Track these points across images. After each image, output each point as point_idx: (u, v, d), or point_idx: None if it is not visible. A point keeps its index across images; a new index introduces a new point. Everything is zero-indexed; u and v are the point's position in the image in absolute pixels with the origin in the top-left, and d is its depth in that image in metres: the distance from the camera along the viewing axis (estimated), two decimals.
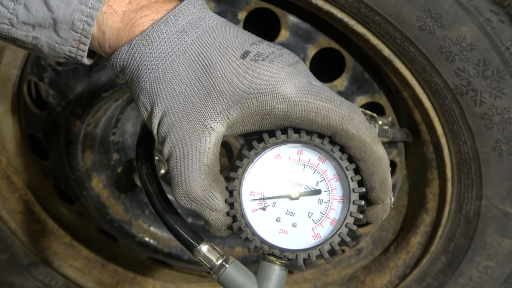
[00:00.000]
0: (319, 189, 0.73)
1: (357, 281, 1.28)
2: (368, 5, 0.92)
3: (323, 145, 0.73)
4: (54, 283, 1.39)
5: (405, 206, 1.21)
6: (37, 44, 0.76)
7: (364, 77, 1.05)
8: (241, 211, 0.73)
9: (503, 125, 0.98)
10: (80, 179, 1.20)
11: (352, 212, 0.72)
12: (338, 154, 0.72)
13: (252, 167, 0.74)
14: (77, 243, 1.38)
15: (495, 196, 1.07)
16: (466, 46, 0.92)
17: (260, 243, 0.72)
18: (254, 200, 0.74)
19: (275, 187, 0.74)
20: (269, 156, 0.74)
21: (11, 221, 1.33)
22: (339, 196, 0.73)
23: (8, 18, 0.74)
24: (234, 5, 1.00)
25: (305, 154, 0.74)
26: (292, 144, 0.74)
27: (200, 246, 0.72)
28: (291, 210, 0.73)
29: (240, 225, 0.72)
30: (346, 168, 0.72)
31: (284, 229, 0.73)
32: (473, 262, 1.16)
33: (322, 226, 0.73)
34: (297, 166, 0.74)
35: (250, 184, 0.74)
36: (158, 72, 0.72)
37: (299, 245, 0.73)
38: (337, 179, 0.73)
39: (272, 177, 0.74)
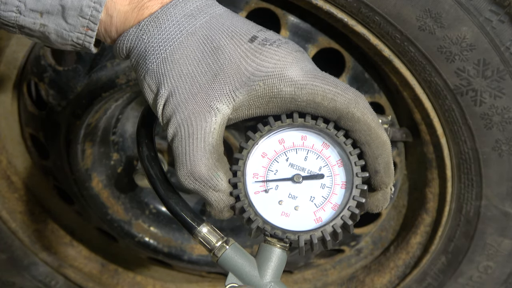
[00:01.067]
0: (322, 174, 0.74)
1: (357, 281, 1.28)
2: (368, 5, 0.92)
3: (328, 129, 0.73)
4: (54, 283, 1.39)
5: (405, 206, 1.21)
6: (45, 32, 0.76)
7: (364, 77, 1.06)
8: (245, 191, 0.73)
9: (503, 125, 0.98)
10: (80, 179, 1.20)
11: (354, 196, 0.72)
12: (342, 139, 0.73)
13: (257, 149, 0.74)
14: (77, 243, 1.38)
15: (495, 196, 1.07)
16: (466, 46, 0.92)
17: (262, 224, 0.72)
18: (257, 182, 0.74)
19: (278, 170, 0.74)
20: (273, 140, 0.75)
21: (11, 221, 1.33)
22: (342, 181, 0.74)
23: (16, 6, 0.75)
24: (234, 5, 1.00)
25: (309, 139, 0.74)
26: (297, 128, 0.74)
27: (201, 227, 0.72)
28: (293, 194, 0.74)
29: (243, 205, 0.72)
30: (350, 153, 0.73)
31: (286, 212, 0.73)
32: (473, 262, 1.16)
33: (323, 210, 0.73)
34: (301, 151, 0.74)
35: (254, 166, 0.74)
36: (166, 53, 0.72)
37: (301, 227, 0.73)
38: (340, 165, 0.74)
39: (275, 160, 0.74)
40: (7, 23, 0.77)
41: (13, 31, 0.79)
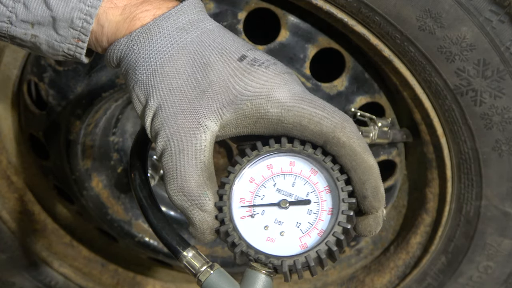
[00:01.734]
0: (309, 199, 0.74)
1: (357, 281, 1.28)
2: (368, 5, 0.92)
3: (316, 155, 0.73)
4: (54, 283, 1.39)
5: (405, 206, 1.21)
6: (36, 42, 0.76)
7: (364, 77, 1.06)
8: (230, 215, 0.73)
9: (503, 125, 0.98)
10: (80, 179, 1.20)
11: (340, 222, 0.72)
12: (330, 165, 0.73)
13: (244, 174, 0.74)
14: (77, 243, 1.38)
15: (495, 196, 1.07)
16: (466, 46, 0.92)
17: (246, 248, 0.72)
18: (244, 207, 0.74)
19: (265, 195, 0.74)
20: (261, 165, 0.75)
21: (11, 221, 1.33)
22: (329, 207, 0.73)
23: (7, 16, 0.75)
24: (234, 5, 1.00)
25: (297, 165, 0.75)
26: (285, 153, 0.74)
27: (186, 251, 0.72)
28: (279, 219, 0.73)
29: (227, 229, 0.72)
30: (337, 178, 0.73)
31: (272, 237, 0.73)
32: (473, 262, 1.16)
33: (309, 236, 0.73)
34: (288, 176, 0.75)
35: (241, 191, 0.74)
36: (156, 65, 0.72)
37: (285, 252, 0.72)
38: (328, 191, 0.74)
39: (263, 185, 0.75)
40: (2, 35, 0.77)
41: (5, 41, 0.79)
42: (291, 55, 1.02)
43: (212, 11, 1.01)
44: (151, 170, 1.18)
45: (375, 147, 1.07)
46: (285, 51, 1.02)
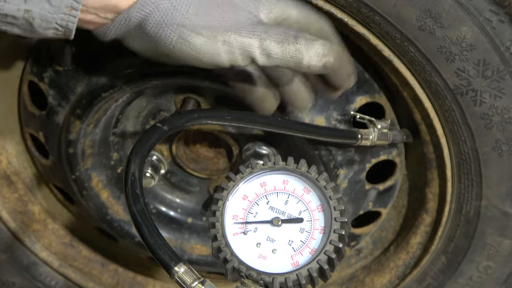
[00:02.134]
0: (301, 218, 0.75)
1: (357, 281, 1.28)
2: (368, 5, 0.92)
3: (309, 174, 0.75)
4: (54, 283, 1.39)
5: (405, 206, 1.21)
6: (29, 18, 0.76)
7: (364, 77, 1.05)
8: (222, 232, 0.74)
9: (503, 125, 0.98)
10: (80, 179, 1.20)
11: (332, 240, 0.73)
12: (323, 183, 0.75)
13: (237, 190, 0.76)
14: (77, 243, 1.38)
15: (495, 196, 1.07)
16: (466, 46, 0.92)
17: (238, 264, 0.73)
18: (237, 223, 0.75)
19: (258, 212, 0.75)
20: (255, 182, 0.76)
21: (11, 221, 1.33)
22: (321, 226, 0.74)
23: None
24: None
25: (291, 184, 0.76)
26: (278, 171, 0.76)
27: (178, 267, 0.72)
28: (272, 237, 0.74)
29: (219, 245, 0.73)
30: (330, 197, 0.74)
31: (264, 255, 0.74)
32: (473, 262, 1.16)
33: (301, 255, 0.74)
34: (282, 194, 0.76)
35: (234, 208, 0.75)
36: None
37: (277, 270, 0.73)
38: (320, 210, 0.75)
39: (256, 203, 0.76)
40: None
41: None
42: None
43: None
44: (151, 170, 1.18)
45: (375, 148, 1.07)
46: None
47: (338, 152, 1.05)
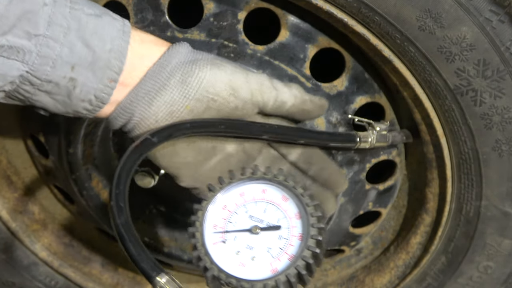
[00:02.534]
0: (279, 225, 0.77)
1: (357, 281, 1.28)
2: (368, 5, 0.92)
3: (286, 182, 0.77)
4: (54, 283, 1.39)
5: (405, 206, 1.21)
6: (71, 86, 0.79)
7: (364, 77, 1.05)
8: (202, 241, 0.75)
9: (503, 125, 0.98)
10: (80, 179, 1.20)
11: (310, 246, 0.74)
12: (300, 191, 0.77)
13: (217, 200, 0.77)
14: (77, 243, 1.38)
15: (495, 196, 1.07)
16: (466, 46, 0.92)
17: (217, 272, 0.74)
18: (216, 233, 0.77)
19: (237, 221, 0.77)
20: (234, 193, 0.78)
21: (11, 221, 1.33)
22: (299, 233, 0.76)
23: (53, 59, 0.77)
24: (234, 5, 1.00)
25: (269, 193, 0.78)
26: (257, 181, 0.78)
27: (160, 277, 0.73)
28: (251, 245, 0.76)
29: (199, 253, 0.75)
30: (307, 204, 0.76)
31: (243, 262, 0.76)
32: (473, 262, 1.16)
33: (279, 261, 0.75)
34: (260, 203, 0.78)
35: (214, 218, 0.77)
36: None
37: (256, 277, 0.74)
38: (298, 217, 0.77)
39: (235, 212, 0.77)
40: (30, 83, 0.78)
41: (28, 97, 0.81)
42: (291, 55, 1.02)
43: (212, 11, 1.01)
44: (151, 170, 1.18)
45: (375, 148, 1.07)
46: (285, 51, 1.02)
47: (338, 152, 1.05)
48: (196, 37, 1.01)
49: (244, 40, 1.01)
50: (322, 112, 0.98)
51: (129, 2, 1.02)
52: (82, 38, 0.78)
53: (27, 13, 0.75)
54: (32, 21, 0.75)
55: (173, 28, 1.02)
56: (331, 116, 1.04)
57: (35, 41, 0.76)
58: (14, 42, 0.75)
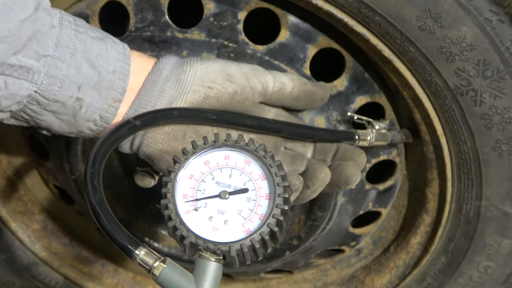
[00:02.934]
0: (246, 188, 0.80)
1: (357, 281, 1.28)
2: (368, 5, 0.92)
3: (248, 146, 0.81)
4: (54, 283, 1.39)
5: (405, 206, 1.21)
6: (77, 106, 0.82)
7: (364, 77, 1.06)
8: (175, 211, 0.78)
9: (503, 125, 0.98)
10: (80, 179, 1.20)
11: (278, 204, 0.78)
12: (262, 153, 0.80)
13: (184, 171, 0.80)
14: (77, 243, 1.38)
15: (495, 196, 1.07)
16: (466, 46, 0.92)
17: (194, 239, 0.76)
18: (187, 202, 0.79)
19: (206, 189, 0.80)
20: (199, 161, 0.81)
21: (11, 221, 1.33)
22: (266, 193, 0.80)
23: (60, 79, 0.79)
24: (234, 5, 1.00)
25: (232, 158, 0.81)
26: (219, 148, 0.81)
27: (138, 250, 0.75)
28: (222, 209, 0.79)
29: (175, 223, 0.77)
30: (270, 165, 0.79)
31: (216, 227, 0.78)
32: (473, 262, 1.16)
33: (251, 222, 0.78)
34: (225, 169, 0.81)
35: (183, 188, 0.80)
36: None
37: (231, 239, 0.77)
38: (263, 178, 0.80)
39: (202, 180, 0.80)
40: (42, 102, 0.80)
41: (34, 118, 0.83)
42: (291, 55, 1.02)
43: (212, 11, 1.01)
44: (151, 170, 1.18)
45: (375, 148, 1.07)
46: (285, 51, 1.02)
47: None
48: (196, 37, 1.01)
49: (244, 40, 1.01)
50: (326, 95, 0.98)
51: (129, 2, 1.02)
52: (87, 59, 0.81)
53: (37, 34, 0.77)
54: (41, 42, 0.77)
55: (173, 28, 1.02)
56: (331, 116, 1.04)
57: (43, 62, 0.78)
58: (24, 62, 0.77)
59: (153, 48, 1.01)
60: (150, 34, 1.01)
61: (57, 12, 0.80)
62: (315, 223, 1.14)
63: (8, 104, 0.79)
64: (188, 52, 1.00)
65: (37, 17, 0.77)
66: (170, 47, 1.01)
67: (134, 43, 1.01)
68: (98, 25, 1.04)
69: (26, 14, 0.76)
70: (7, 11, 0.74)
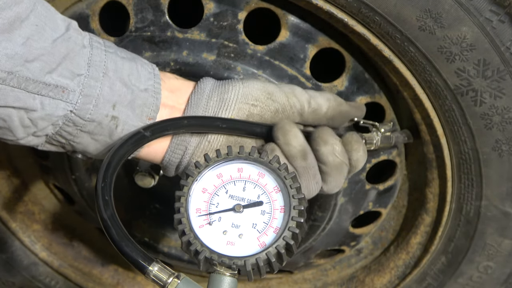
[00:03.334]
0: (261, 201, 0.79)
1: (357, 281, 1.28)
2: (368, 5, 0.92)
3: (262, 159, 0.79)
4: (54, 283, 1.39)
5: (405, 206, 1.21)
6: (113, 125, 0.82)
7: (364, 77, 1.05)
8: (189, 226, 0.77)
9: (503, 125, 0.98)
10: (80, 179, 1.20)
11: (293, 217, 0.76)
12: (276, 165, 0.79)
13: (197, 185, 0.79)
14: (77, 243, 1.38)
15: (495, 196, 1.07)
16: (466, 46, 0.92)
17: (209, 254, 0.75)
18: (201, 216, 0.78)
19: (219, 203, 0.79)
20: (211, 175, 0.80)
21: (11, 221, 1.33)
22: (280, 206, 0.78)
23: (95, 98, 0.80)
24: (234, 5, 1.00)
25: (245, 171, 0.80)
26: (232, 161, 0.80)
27: (152, 266, 0.74)
28: (236, 223, 0.78)
29: (189, 238, 0.76)
30: (285, 177, 0.78)
31: (231, 241, 0.77)
32: (473, 262, 1.16)
33: (266, 235, 0.77)
34: (238, 182, 0.80)
35: (196, 202, 0.79)
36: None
37: (246, 253, 0.76)
38: (277, 191, 0.79)
39: (215, 194, 0.79)
40: (78, 122, 0.80)
41: (71, 139, 0.82)
42: (291, 55, 1.02)
43: (212, 11, 1.01)
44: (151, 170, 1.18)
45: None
46: (285, 51, 1.02)
47: None
48: (196, 37, 1.01)
49: (244, 40, 1.01)
50: (361, 114, 1.00)
51: (129, 2, 1.02)
52: (120, 78, 0.81)
53: (70, 53, 0.78)
54: (74, 61, 0.78)
55: (173, 28, 1.02)
56: None
57: (77, 81, 0.78)
58: (59, 81, 0.77)
59: (153, 48, 1.01)
60: (150, 34, 1.01)
61: (86, 34, 0.82)
62: (315, 223, 1.14)
63: (44, 126, 0.79)
64: (188, 52, 1.00)
65: (69, 36, 0.78)
66: (170, 47, 1.01)
67: (134, 43, 1.02)
68: (98, 25, 1.04)
69: (59, 34, 0.77)
70: (40, 31, 0.75)
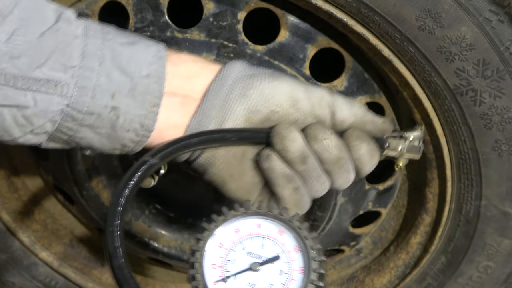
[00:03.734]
0: (277, 255, 0.75)
1: (357, 281, 1.28)
2: (367, 5, 0.92)
3: (281, 216, 0.75)
4: (54, 283, 1.40)
5: (405, 206, 1.21)
6: (114, 116, 0.78)
7: (364, 77, 1.06)
8: (203, 282, 0.73)
9: (502, 125, 0.98)
10: (80, 179, 1.20)
11: (313, 281, 0.73)
12: (296, 224, 0.75)
13: (213, 239, 0.76)
14: (77, 243, 1.38)
15: (495, 196, 1.07)
16: (466, 46, 0.92)
17: None
18: (216, 272, 0.75)
19: (236, 259, 0.75)
20: (229, 229, 0.76)
21: (11, 221, 1.33)
22: (300, 267, 0.75)
23: (91, 89, 0.76)
24: (234, 5, 1.01)
25: (264, 227, 0.77)
26: (251, 216, 0.76)
27: None
28: (252, 282, 0.75)
29: None
30: (305, 237, 0.75)
31: None
32: (473, 262, 1.16)
33: None
34: (257, 238, 0.76)
35: (212, 257, 0.75)
36: None
37: None
38: (297, 250, 0.76)
39: (232, 250, 0.76)
40: (76, 117, 0.77)
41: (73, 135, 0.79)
42: (290, 55, 1.02)
43: (211, 11, 1.01)
44: None
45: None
46: (285, 51, 1.02)
47: None
48: (196, 37, 1.01)
49: (244, 40, 1.01)
50: (386, 132, 0.91)
51: (128, 2, 1.02)
52: (117, 65, 0.78)
53: (60, 45, 0.75)
54: (66, 53, 0.75)
55: (173, 28, 1.02)
56: None
57: (71, 73, 0.75)
58: (50, 75, 0.74)
59: None
60: (150, 34, 1.02)
61: (81, 22, 0.78)
62: (315, 223, 1.14)
63: (41, 123, 0.76)
64: (188, 52, 1.00)
65: (57, 28, 0.75)
66: (170, 47, 1.01)
67: None
68: None
69: (47, 26, 0.75)
70: (25, 25, 0.73)
